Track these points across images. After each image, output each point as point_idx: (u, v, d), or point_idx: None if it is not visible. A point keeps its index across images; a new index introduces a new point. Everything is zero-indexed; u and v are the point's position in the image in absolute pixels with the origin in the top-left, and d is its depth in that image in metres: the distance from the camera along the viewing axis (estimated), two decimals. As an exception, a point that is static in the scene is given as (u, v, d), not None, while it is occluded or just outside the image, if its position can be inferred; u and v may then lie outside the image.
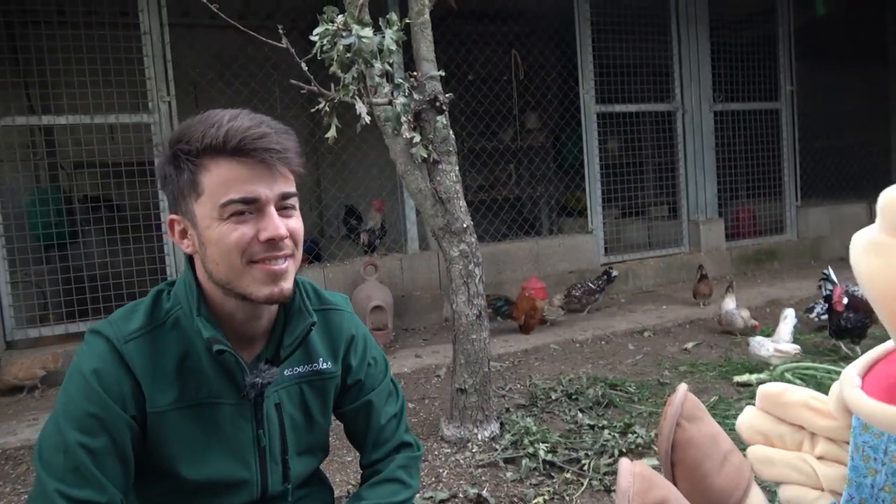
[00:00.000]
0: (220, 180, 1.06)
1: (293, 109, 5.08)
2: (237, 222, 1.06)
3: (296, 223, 1.13)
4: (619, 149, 6.34)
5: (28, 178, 5.13)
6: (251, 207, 1.07)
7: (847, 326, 3.61)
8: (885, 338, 0.75)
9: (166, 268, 4.58)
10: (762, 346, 3.57)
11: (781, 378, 3.34)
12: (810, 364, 3.47)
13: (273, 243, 1.08)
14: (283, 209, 1.11)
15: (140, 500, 1.19)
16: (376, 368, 1.37)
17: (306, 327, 1.20)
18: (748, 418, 0.97)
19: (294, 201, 1.13)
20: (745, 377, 3.43)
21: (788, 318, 3.75)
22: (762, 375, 3.41)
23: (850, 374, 0.72)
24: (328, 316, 1.30)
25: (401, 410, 1.41)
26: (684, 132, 6.32)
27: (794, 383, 3.20)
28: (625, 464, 0.81)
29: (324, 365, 1.27)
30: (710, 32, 6.37)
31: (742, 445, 1.00)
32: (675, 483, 0.90)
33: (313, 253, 5.64)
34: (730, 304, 4.40)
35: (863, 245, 0.62)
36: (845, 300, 3.60)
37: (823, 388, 3.14)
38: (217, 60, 5.88)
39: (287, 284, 1.12)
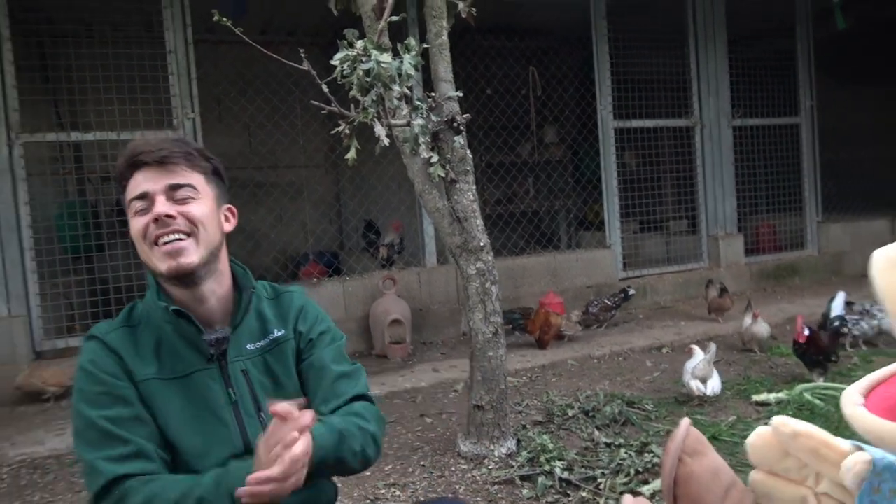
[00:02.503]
0: (129, 189, 1.31)
1: (314, 126, 5.16)
2: (139, 214, 1.29)
3: (192, 208, 1.30)
4: (638, 163, 6.35)
5: (56, 191, 5.27)
6: (145, 201, 1.28)
7: (807, 357, 3.57)
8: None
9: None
10: (689, 380, 3.36)
11: (800, 398, 3.33)
12: (831, 384, 3.45)
13: (160, 221, 1.27)
14: (177, 199, 1.30)
15: None
16: (328, 335, 1.49)
17: (248, 296, 1.39)
18: (757, 443, 0.98)
19: (188, 190, 1.31)
20: (763, 396, 3.42)
21: (710, 353, 3.44)
22: (781, 395, 3.39)
23: (852, 393, 0.74)
24: (281, 297, 1.49)
25: (355, 372, 1.48)
26: (703, 147, 6.32)
27: (814, 403, 3.19)
28: (627, 500, 0.83)
29: (277, 333, 1.43)
30: (728, 47, 6.37)
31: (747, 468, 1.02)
32: None
33: (327, 263, 5.70)
34: (748, 320, 4.38)
35: (883, 261, 0.65)
36: (806, 332, 3.51)
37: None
38: (240, 77, 6.01)
39: (185, 259, 1.28)
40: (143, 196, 1.29)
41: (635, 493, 2.48)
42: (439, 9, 2.90)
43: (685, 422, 1.00)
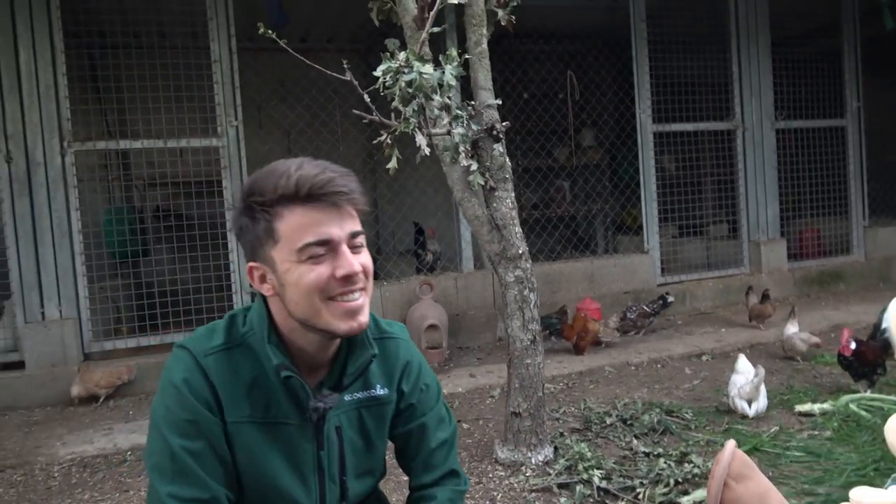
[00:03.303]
0: (295, 226, 1.14)
1: (353, 133, 5.23)
2: (314, 263, 1.14)
3: (366, 258, 1.20)
4: (677, 167, 6.27)
5: (103, 197, 5.44)
6: (325, 248, 1.15)
7: (853, 369, 3.47)
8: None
9: (231, 284, 4.77)
10: (736, 400, 3.33)
11: (846, 409, 3.25)
12: (878, 395, 3.36)
13: (348, 279, 1.15)
14: (353, 247, 1.18)
15: None
16: (429, 394, 1.43)
17: (367, 358, 1.27)
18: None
19: (362, 239, 1.20)
20: (807, 406, 3.34)
21: (759, 377, 3.29)
22: (826, 406, 3.32)
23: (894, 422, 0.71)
24: (385, 344, 1.37)
25: (452, 437, 1.46)
26: (744, 150, 6.21)
27: (860, 415, 3.12)
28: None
29: (380, 391, 1.33)
30: (771, 48, 6.24)
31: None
32: None
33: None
34: (791, 328, 4.29)
35: None
36: (853, 345, 3.40)
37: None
38: (280, 84, 6.12)
39: (364, 318, 1.19)
40: (326, 243, 1.15)
41: (675, 504, 2.47)
42: (479, 17, 2.92)
43: (730, 444, 1.00)
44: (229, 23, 4.64)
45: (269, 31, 2.39)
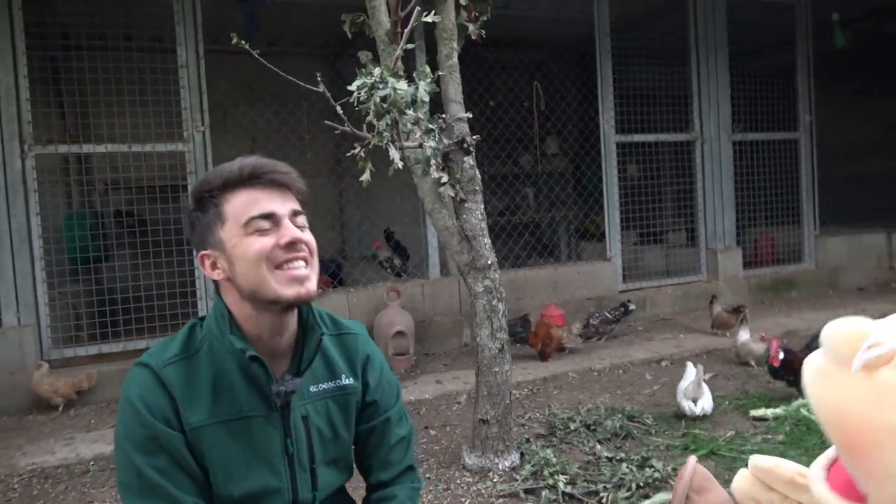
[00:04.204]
0: (240, 204, 1.25)
1: (321, 139, 5.23)
2: (260, 235, 1.24)
3: (309, 236, 1.30)
4: (639, 177, 6.43)
5: (64, 200, 5.33)
6: (269, 222, 1.24)
7: (781, 378, 3.64)
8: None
9: (196, 290, 4.73)
10: (681, 400, 3.49)
11: (797, 413, 3.40)
12: (827, 400, 3.52)
13: (291, 246, 1.24)
14: (295, 225, 1.28)
15: None
16: (390, 391, 1.49)
17: (317, 338, 1.33)
18: (741, 484, 1.06)
19: (304, 219, 1.30)
20: (761, 411, 3.49)
21: (699, 374, 3.49)
22: (778, 410, 3.46)
23: (815, 469, 0.76)
24: (344, 339, 1.44)
25: (410, 434, 1.52)
26: (703, 161, 6.40)
27: (811, 419, 3.26)
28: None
29: (346, 381, 1.39)
30: (729, 63, 6.46)
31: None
32: None
33: (332, 273, 5.74)
34: (744, 335, 4.46)
35: (811, 372, 0.69)
36: (781, 355, 3.56)
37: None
38: (247, 88, 6.08)
39: (311, 285, 1.27)
40: (269, 216, 1.24)
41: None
42: (450, 31, 2.98)
43: (692, 460, 1.07)
44: (197, 28, 4.60)
45: (243, 42, 2.41)
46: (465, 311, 5.28)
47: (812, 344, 3.82)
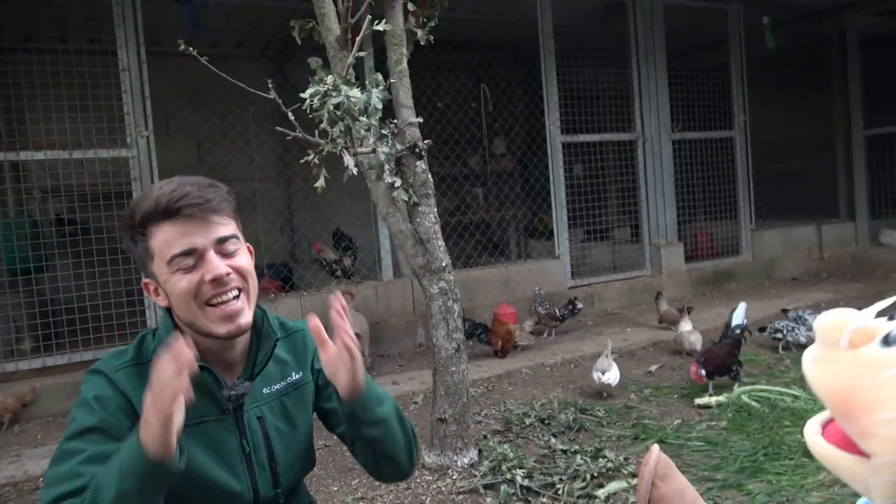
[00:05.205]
0: (163, 241, 1.22)
1: (269, 143, 5.19)
2: (185, 272, 1.21)
3: (241, 260, 1.27)
4: (585, 176, 6.60)
5: (-1, 208, 5.13)
6: (192, 257, 1.22)
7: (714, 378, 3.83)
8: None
9: (144, 299, 4.63)
10: (593, 372, 3.85)
11: (739, 400, 3.57)
12: (766, 387, 3.71)
13: (218, 281, 1.22)
14: (224, 252, 1.25)
15: None
16: None
17: (272, 345, 1.36)
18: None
19: (234, 242, 1.27)
20: (705, 399, 3.65)
21: (607, 349, 3.89)
22: (721, 398, 3.63)
23: (812, 423, 0.85)
24: (293, 338, 1.45)
25: (383, 393, 1.53)
26: (645, 160, 6.62)
27: (751, 405, 3.44)
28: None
29: (296, 376, 1.42)
30: (668, 65, 6.69)
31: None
32: None
33: (284, 278, 5.70)
34: (685, 326, 4.65)
35: (809, 358, 0.80)
36: (703, 373, 3.68)
37: (777, 408, 3.38)
38: (190, 91, 5.97)
39: (243, 319, 1.26)
40: (191, 252, 1.21)
41: (591, 497, 2.66)
42: (399, 37, 3.02)
43: (655, 448, 1.15)
44: (138, 30, 4.50)
45: (190, 49, 2.39)
46: (418, 312, 5.33)
47: (727, 332, 4.01)
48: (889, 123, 7.61)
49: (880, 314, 0.76)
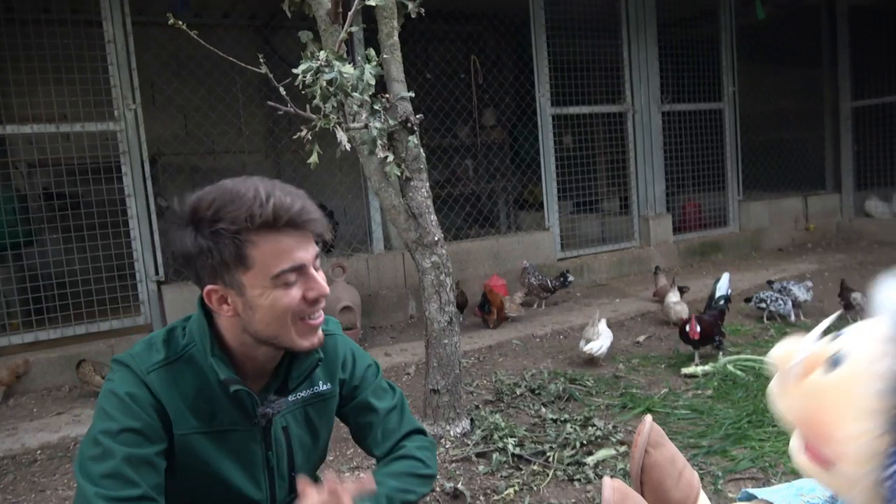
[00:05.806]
0: (269, 253, 1.16)
1: (258, 115, 5.15)
2: (288, 287, 1.19)
3: (323, 277, 1.27)
4: (574, 147, 6.61)
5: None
6: (297, 273, 1.20)
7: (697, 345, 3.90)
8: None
9: (136, 273, 4.64)
10: (581, 343, 3.96)
11: (724, 370, 3.66)
12: (751, 356, 3.80)
13: (318, 300, 1.23)
14: (315, 268, 1.25)
15: None
16: (367, 373, 1.50)
17: (313, 362, 1.35)
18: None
19: (319, 260, 1.27)
20: (691, 369, 3.73)
21: (594, 319, 3.98)
22: (707, 367, 3.71)
23: (795, 440, 0.90)
24: (325, 343, 1.40)
25: (400, 403, 1.53)
26: (634, 132, 6.64)
27: (736, 374, 3.53)
28: (606, 481, 1.06)
29: (323, 387, 1.41)
30: (658, 36, 6.67)
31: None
32: (643, 496, 1.15)
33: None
34: (673, 297, 4.73)
35: (773, 394, 0.89)
36: (698, 328, 3.75)
37: (761, 377, 3.47)
38: (174, 59, 5.89)
39: (322, 333, 1.28)
40: (300, 268, 1.19)
41: (581, 465, 2.74)
42: (390, 10, 2.99)
43: (648, 418, 1.21)
44: (123, 2, 4.42)
45: (180, 23, 2.38)
46: (410, 285, 5.37)
47: (710, 303, 4.08)
48: (876, 95, 7.66)
49: (824, 334, 0.82)
